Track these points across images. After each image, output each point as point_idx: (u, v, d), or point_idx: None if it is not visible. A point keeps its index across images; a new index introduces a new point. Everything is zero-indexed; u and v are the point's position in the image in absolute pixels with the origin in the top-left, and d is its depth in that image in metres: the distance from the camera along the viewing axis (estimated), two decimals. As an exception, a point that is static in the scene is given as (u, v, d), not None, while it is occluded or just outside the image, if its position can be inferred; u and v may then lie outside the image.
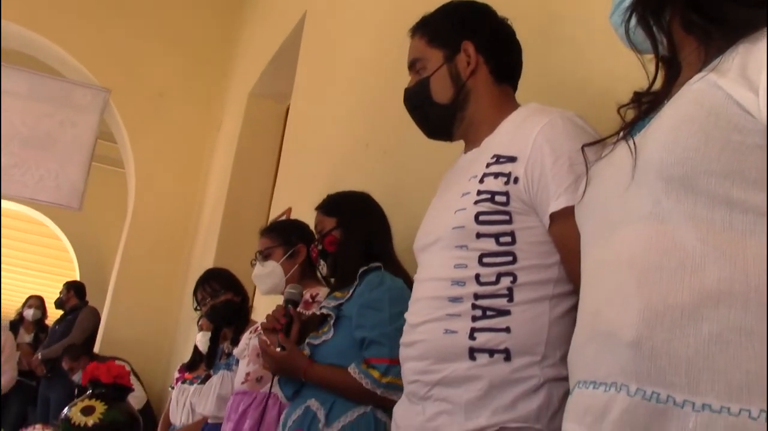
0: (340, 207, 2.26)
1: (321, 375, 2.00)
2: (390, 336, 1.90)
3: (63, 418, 1.92)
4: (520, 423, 1.35)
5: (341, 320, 2.04)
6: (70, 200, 6.00)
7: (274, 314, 2.18)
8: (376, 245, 2.17)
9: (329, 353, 2.02)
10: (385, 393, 1.89)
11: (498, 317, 1.39)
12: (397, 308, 1.95)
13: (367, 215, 2.25)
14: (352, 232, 2.19)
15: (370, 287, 2.02)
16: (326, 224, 2.24)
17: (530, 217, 1.41)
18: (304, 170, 4.07)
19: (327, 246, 2.21)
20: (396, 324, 1.92)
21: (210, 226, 5.75)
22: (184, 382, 3.90)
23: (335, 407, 1.96)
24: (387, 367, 1.90)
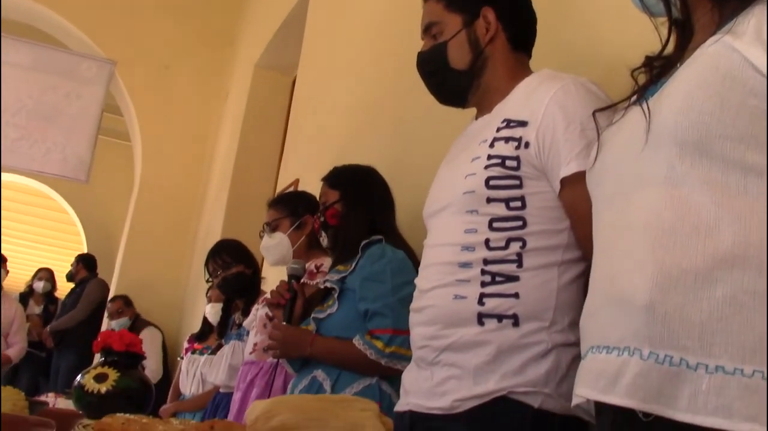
0: (344, 180, 2.27)
1: (326, 348, 2.02)
2: (392, 307, 1.93)
3: (76, 385, 1.94)
4: (528, 387, 1.36)
5: (345, 293, 2.05)
6: (77, 173, 6.01)
7: (278, 290, 2.20)
8: (378, 219, 2.18)
9: (334, 326, 2.04)
10: (389, 362, 1.91)
11: (507, 283, 1.39)
12: (399, 280, 1.98)
13: (370, 190, 2.25)
14: (354, 206, 2.20)
15: (372, 259, 2.03)
16: (329, 196, 2.25)
17: (541, 182, 1.41)
18: (311, 141, 4.06)
19: (328, 219, 2.22)
20: (398, 294, 1.95)
21: (217, 197, 5.76)
22: (194, 352, 3.94)
23: (341, 378, 1.99)
24: (390, 337, 1.92)
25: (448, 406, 1.40)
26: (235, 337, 3.41)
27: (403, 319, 1.91)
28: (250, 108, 5.58)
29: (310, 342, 2.03)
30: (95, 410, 1.83)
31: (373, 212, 2.18)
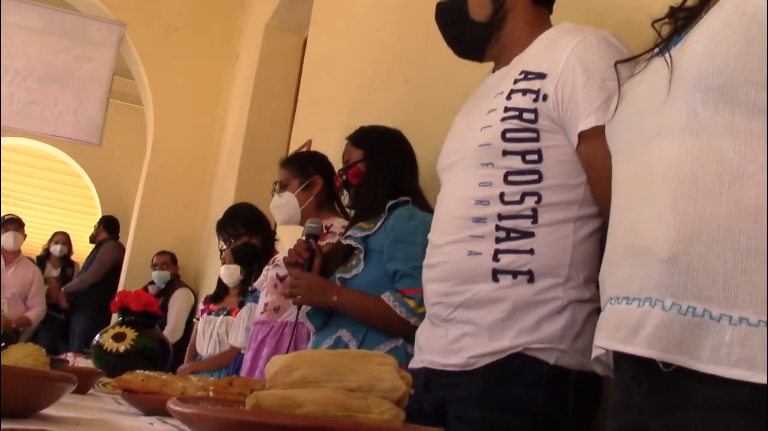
0: (369, 140, 2.25)
1: (353, 299, 2.00)
2: (422, 269, 1.92)
3: (95, 345, 1.96)
4: (543, 344, 1.35)
5: (370, 253, 2.04)
6: (90, 136, 6.01)
7: (295, 249, 2.19)
8: (401, 181, 2.16)
9: (360, 286, 2.03)
10: (419, 322, 1.90)
11: (522, 239, 1.38)
12: (428, 242, 1.96)
13: (395, 152, 2.23)
14: (377, 166, 2.18)
15: (402, 220, 2.01)
16: (353, 155, 2.23)
17: (558, 135, 1.39)
18: (323, 101, 4.04)
19: (350, 178, 2.20)
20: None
21: (230, 159, 5.76)
22: (210, 314, 3.97)
23: (367, 338, 1.98)
24: (422, 298, 1.90)
25: (463, 363, 1.40)
26: (251, 299, 3.43)
27: None
28: (262, 69, 5.54)
29: (336, 291, 2.01)
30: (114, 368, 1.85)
31: (396, 174, 2.16)
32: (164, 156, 6.38)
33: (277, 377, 0.81)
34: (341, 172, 2.26)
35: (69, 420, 0.85)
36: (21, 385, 0.77)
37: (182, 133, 6.41)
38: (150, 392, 1.21)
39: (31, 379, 0.78)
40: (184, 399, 0.88)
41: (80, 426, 0.79)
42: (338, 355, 0.88)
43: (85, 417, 0.97)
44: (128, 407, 1.34)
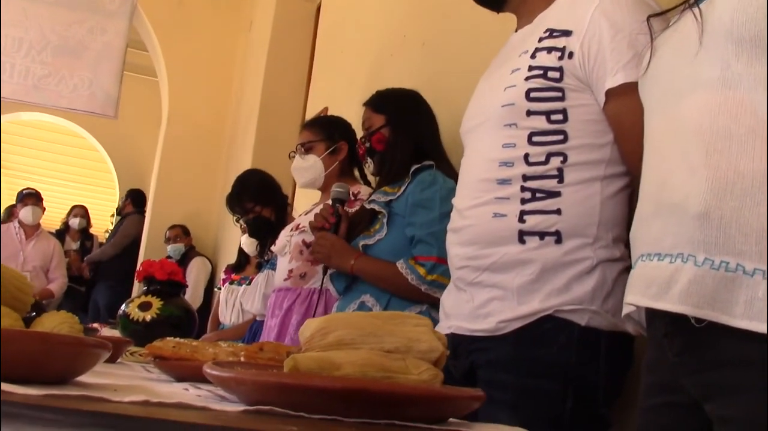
0: (389, 104, 2.21)
1: (369, 265, 2.01)
2: (437, 235, 1.90)
3: (122, 314, 1.97)
4: (574, 305, 1.34)
5: (393, 218, 2.03)
6: (106, 108, 5.99)
7: (322, 214, 2.18)
8: (425, 144, 2.14)
9: (382, 251, 2.02)
10: (429, 290, 1.90)
11: (548, 199, 1.36)
12: (446, 208, 1.94)
13: (416, 114, 2.19)
14: (401, 131, 2.15)
15: (422, 186, 2.00)
16: (374, 121, 2.19)
17: (584, 94, 1.36)
18: (339, 67, 4.00)
19: (374, 144, 2.17)
20: (445, 222, 1.92)
21: (246, 128, 5.74)
22: (232, 283, 3.99)
23: (391, 304, 1.98)
24: (433, 265, 1.90)
25: (492, 328, 1.39)
26: (268, 266, 3.43)
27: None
28: (275, 36, 5.50)
29: (355, 256, 2.02)
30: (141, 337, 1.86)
31: (420, 136, 2.13)
32: (180, 127, 6.38)
33: (312, 340, 0.81)
34: (363, 139, 2.23)
35: (106, 386, 0.85)
36: (58, 351, 0.77)
37: (197, 103, 6.40)
38: (181, 358, 1.21)
39: (69, 345, 0.78)
40: (220, 363, 0.87)
41: (117, 391, 0.79)
42: (372, 317, 0.87)
43: (118, 383, 0.97)
44: (158, 374, 1.34)
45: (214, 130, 6.42)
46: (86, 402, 0.66)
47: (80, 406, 0.63)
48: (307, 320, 0.88)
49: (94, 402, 0.67)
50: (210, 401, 0.81)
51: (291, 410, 0.73)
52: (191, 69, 6.39)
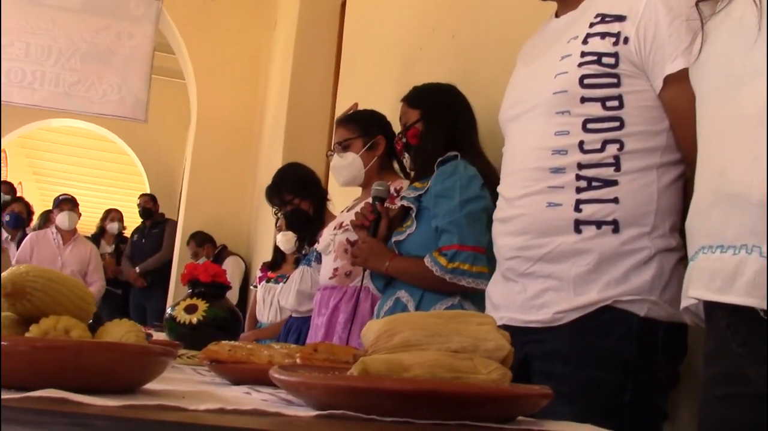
0: (424, 99, 2.21)
1: (401, 266, 2.04)
2: (458, 223, 1.92)
3: (168, 318, 1.98)
4: (633, 295, 1.32)
5: (422, 212, 2.04)
6: (135, 113, 6.05)
7: (362, 212, 2.19)
8: (459, 137, 2.13)
9: (413, 245, 2.04)
10: (453, 278, 1.90)
11: (605, 188, 1.34)
12: (465, 195, 1.95)
13: (451, 108, 2.19)
14: (434, 125, 2.15)
15: (444, 176, 2.00)
16: (410, 116, 2.20)
17: (640, 80, 1.34)
18: (367, 62, 3.99)
19: (410, 139, 2.18)
20: (465, 210, 1.93)
21: (275, 126, 5.76)
22: (269, 281, 4.00)
23: (425, 298, 1.99)
24: (454, 253, 1.91)
25: (548, 319, 1.38)
26: (304, 263, 3.44)
27: (469, 235, 1.92)
28: (300, 34, 5.50)
29: (390, 258, 2.05)
30: (188, 340, 1.86)
31: (454, 131, 2.13)
32: (209, 128, 6.42)
33: (378, 342, 0.81)
34: (400, 135, 2.24)
35: (173, 393, 0.86)
36: (129, 361, 0.78)
37: (225, 103, 6.44)
38: (238, 362, 1.21)
39: (138, 354, 0.79)
40: (284, 367, 0.87)
41: (187, 398, 0.79)
42: (435, 317, 0.86)
43: (182, 389, 0.97)
44: (212, 377, 1.35)
45: (243, 129, 6.45)
46: (165, 412, 0.66)
47: (160, 416, 0.63)
48: (369, 323, 0.88)
49: (171, 412, 0.67)
50: (278, 406, 0.81)
51: (362, 413, 0.73)
52: (218, 70, 6.43)
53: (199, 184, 6.40)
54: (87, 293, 0.93)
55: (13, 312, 0.85)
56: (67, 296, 0.88)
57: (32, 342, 0.74)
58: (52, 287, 0.85)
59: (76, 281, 0.92)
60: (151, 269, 6.65)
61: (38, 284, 0.83)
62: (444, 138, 2.11)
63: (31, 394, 0.67)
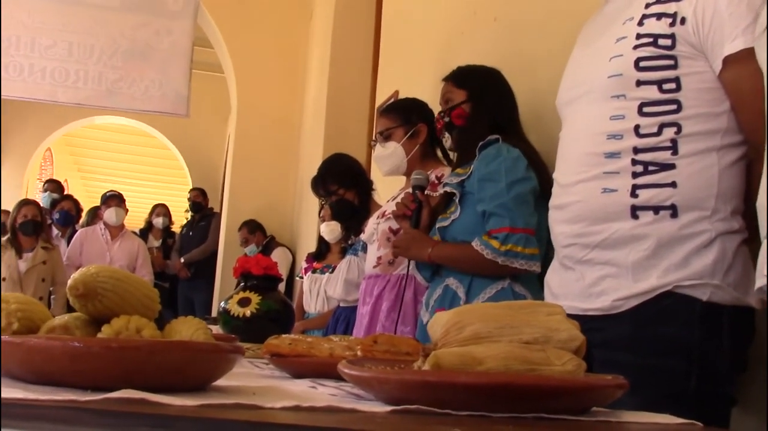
0: (471, 80, 2.18)
1: (445, 252, 2.02)
2: (507, 205, 1.90)
3: (222, 311, 2.00)
4: (694, 280, 1.29)
5: (466, 197, 2.02)
6: (177, 108, 6.11)
7: (403, 201, 2.18)
8: (503, 122, 2.11)
9: (458, 231, 2.02)
10: (506, 261, 1.88)
11: (662, 172, 1.31)
12: (512, 177, 1.93)
13: (497, 92, 2.16)
14: (480, 107, 2.12)
15: (487, 160, 1.97)
16: (455, 96, 2.17)
17: (698, 61, 1.30)
18: (407, 48, 3.97)
19: (454, 119, 2.15)
20: (513, 192, 1.91)
21: (315, 117, 5.77)
22: (314, 272, 4.02)
23: (474, 284, 1.97)
24: (506, 235, 1.88)
25: (608, 306, 1.36)
26: (351, 252, 3.45)
27: (519, 217, 1.90)
28: (338, 23, 5.49)
29: (432, 244, 2.03)
30: (242, 333, 1.89)
31: (498, 115, 2.10)
32: (250, 120, 6.46)
33: (448, 334, 0.80)
34: (443, 114, 2.20)
35: (243, 389, 0.86)
36: (202, 359, 0.78)
37: (265, 95, 6.46)
38: (299, 355, 1.22)
39: (210, 352, 0.79)
40: (353, 362, 0.87)
41: (257, 395, 0.79)
42: (504, 307, 0.85)
43: (249, 384, 0.98)
44: (272, 370, 1.36)
45: (283, 120, 6.47)
46: (242, 411, 0.66)
47: (239, 416, 0.63)
48: (435, 315, 0.87)
49: (248, 410, 0.67)
50: (349, 401, 0.80)
51: (435, 407, 0.72)
52: (257, 62, 6.46)
53: (242, 176, 6.44)
54: (152, 291, 0.94)
55: (84, 313, 0.86)
56: (135, 295, 0.89)
57: (107, 342, 0.74)
58: (121, 286, 0.85)
59: (142, 280, 0.93)
60: (196, 261, 6.73)
61: (108, 285, 0.84)
62: (489, 121, 2.09)
63: (110, 395, 0.67)
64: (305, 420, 0.64)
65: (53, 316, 0.89)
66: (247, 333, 1.89)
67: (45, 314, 0.88)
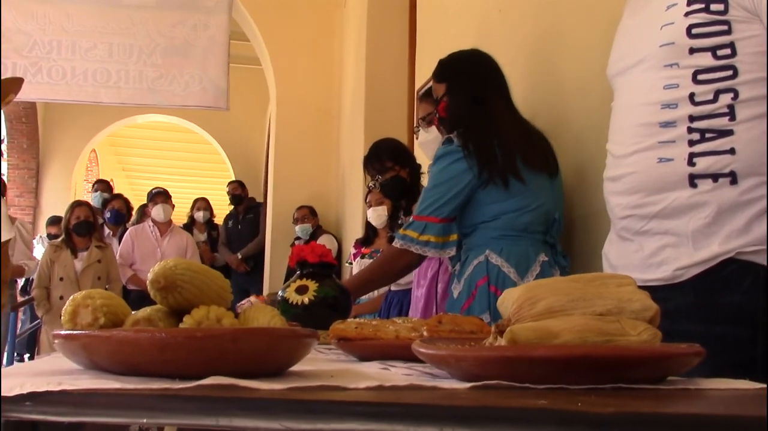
0: (447, 71, 2.24)
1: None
2: (421, 198, 2.11)
3: (280, 299, 2.03)
4: (757, 246, 1.28)
5: None
6: (218, 101, 6.18)
7: None
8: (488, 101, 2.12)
9: None
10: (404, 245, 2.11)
11: (720, 139, 1.30)
12: (436, 178, 2.08)
13: (473, 75, 2.18)
14: (457, 95, 2.17)
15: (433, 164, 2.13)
16: (439, 90, 2.23)
17: (753, 25, 1.28)
18: (443, 30, 3.94)
19: (441, 113, 2.21)
20: (429, 184, 2.09)
21: (354, 103, 5.78)
22: (363, 257, 4.04)
23: None
24: (410, 222, 2.11)
25: (669, 276, 1.35)
26: (399, 236, 3.46)
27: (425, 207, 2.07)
28: (372, 8, 5.48)
29: None
30: (301, 320, 1.91)
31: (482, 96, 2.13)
32: (290, 110, 6.49)
33: (521, 310, 0.81)
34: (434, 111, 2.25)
35: (321, 373, 0.88)
36: (282, 345, 0.80)
37: (304, 85, 6.49)
38: (365, 338, 1.24)
39: (289, 338, 0.81)
40: (426, 341, 0.89)
41: (334, 377, 0.81)
42: (574, 280, 0.86)
43: (323, 368, 1.00)
44: (338, 355, 1.38)
45: (322, 109, 6.50)
46: (329, 392, 0.68)
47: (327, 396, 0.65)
48: (505, 292, 0.88)
49: (334, 391, 0.69)
50: (426, 379, 0.82)
51: (515, 382, 0.73)
52: (294, 52, 6.48)
53: (285, 166, 6.49)
54: (225, 282, 0.96)
55: (164, 305, 0.89)
56: (211, 286, 0.91)
57: (192, 332, 0.77)
58: (199, 278, 0.88)
59: (215, 272, 0.96)
60: (253, 254, 6.82)
61: (186, 277, 0.86)
62: (469, 108, 2.13)
63: (201, 382, 0.70)
64: (391, 398, 0.66)
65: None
66: (306, 320, 1.91)
67: (126, 308, 0.91)
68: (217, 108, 6.27)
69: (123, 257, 5.86)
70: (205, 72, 6.16)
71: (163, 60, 6.19)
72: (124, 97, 6.25)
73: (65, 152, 10.10)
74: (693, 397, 0.73)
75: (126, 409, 0.65)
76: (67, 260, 5.26)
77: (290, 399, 0.63)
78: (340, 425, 0.58)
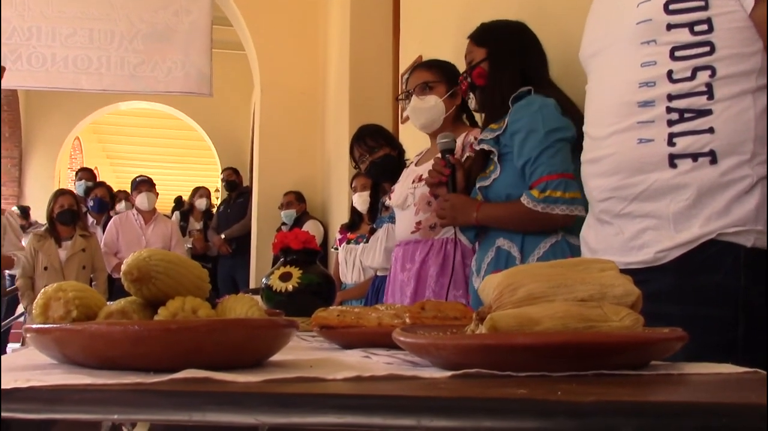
0: (491, 37, 2.14)
1: (491, 212, 1.99)
2: (543, 155, 1.88)
3: (264, 287, 2.01)
4: (737, 227, 1.28)
5: (504, 154, 1.99)
6: (201, 87, 6.14)
7: (435, 168, 2.15)
8: (530, 75, 2.07)
9: (500, 189, 2.00)
10: (546, 207, 1.85)
11: (699, 118, 1.29)
12: (547, 126, 1.90)
13: (520, 46, 2.12)
14: (501, 64, 2.09)
15: (521, 113, 1.95)
16: (476, 54, 2.13)
17: (729, 0, 1.27)
18: (429, 13, 3.92)
19: (475, 79, 2.12)
20: (548, 140, 1.89)
21: (338, 86, 5.74)
22: (349, 242, 4.03)
23: (526, 241, 1.95)
24: (545, 184, 1.86)
25: (650, 259, 1.34)
26: (387, 220, 3.43)
27: (555, 164, 1.88)
28: (355, -8, 5.45)
29: (476, 207, 2.01)
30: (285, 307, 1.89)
31: (524, 69, 2.07)
32: (274, 96, 6.44)
33: (502, 296, 0.79)
34: (465, 74, 2.17)
35: (299, 363, 0.87)
36: (260, 336, 0.79)
37: (288, 69, 6.43)
38: (348, 326, 1.22)
39: (267, 329, 0.80)
40: (406, 329, 0.87)
41: (314, 367, 0.80)
42: (556, 266, 0.85)
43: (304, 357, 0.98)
44: (321, 342, 1.37)
45: (307, 93, 6.45)
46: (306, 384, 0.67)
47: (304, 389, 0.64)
48: (486, 278, 0.86)
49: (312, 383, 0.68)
50: (407, 368, 0.81)
51: (496, 370, 0.72)
52: (277, 36, 6.42)
53: (270, 152, 6.45)
54: (203, 271, 0.95)
55: (139, 297, 0.88)
56: (187, 276, 0.90)
57: (166, 324, 0.75)
58: (173, 269, 0.86)
59: (192, 261, 0.94)
60: (236, 236, 6.79)
61: (161, 268, 0.85)
62: (513, 78, 2.05)
63: (176, 376, 0.68)
64: (369, 390, 0.64)
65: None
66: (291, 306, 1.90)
67: (100, 300, 0.89)
68: (201, 94, 6.22)
69: (108, 246, 5.82)
70: (187, 57, 6.10)
71: (145, 46, 6.13)
72: (105, 83, 6.19)
73: (48, 140, 10.01)
74: (675, 383, 0.72)
75: (97, 405, 0.63)
76: (51, 249, 5.21)
77: (265, 393, 0.62)
78: (316, 418, 0.57)
